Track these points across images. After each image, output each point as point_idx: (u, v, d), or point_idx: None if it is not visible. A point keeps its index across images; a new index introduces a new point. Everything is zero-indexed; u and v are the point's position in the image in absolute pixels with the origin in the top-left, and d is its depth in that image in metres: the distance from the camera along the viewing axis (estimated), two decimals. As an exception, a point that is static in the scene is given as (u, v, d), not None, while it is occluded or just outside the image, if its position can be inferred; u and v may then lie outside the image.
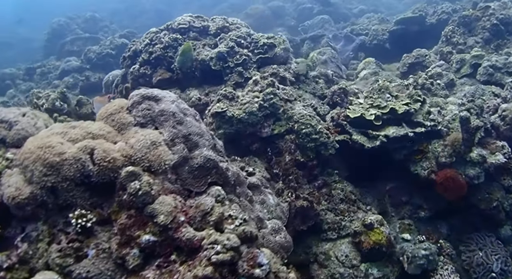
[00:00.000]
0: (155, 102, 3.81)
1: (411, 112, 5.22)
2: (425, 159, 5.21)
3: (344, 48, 10.89)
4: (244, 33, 6.39)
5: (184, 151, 3.52)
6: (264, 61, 6.16)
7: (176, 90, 6.15)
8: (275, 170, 5.17)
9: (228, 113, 5.16)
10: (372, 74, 8.31)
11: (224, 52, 6.02)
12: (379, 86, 5.53)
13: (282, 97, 5.40)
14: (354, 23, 13.26)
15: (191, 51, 6.07)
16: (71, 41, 13.32)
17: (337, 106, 5.88)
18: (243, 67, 6.01)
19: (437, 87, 6.16)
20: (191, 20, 6.61)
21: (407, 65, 7.91)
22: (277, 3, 16.76)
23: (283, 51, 6.19)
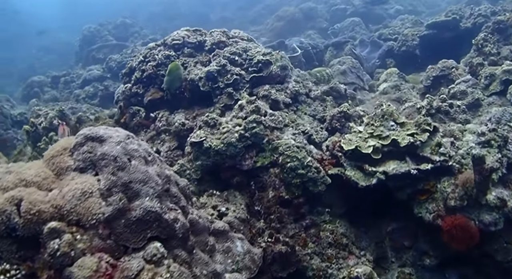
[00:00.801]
0: (99, 144, 3.41)
1: (417, 145, 4.43)
2: (432, 201, 4.41)
3: (370, 55, 10.00)
4: (240, 48, 5.84)
5: (121, 203, 3.08)
6: (259, 80, 5.58)
7: (165, 112, 5.74)
8: (257, 207, 4.62)
9: (205, 143, 4.67)
10: (393, 87, 7.45)
11: (214, 71, 5.52)
12: (382, 112, 4.77)
13: (268, 125, 4.81)
14: (387, 26, 12.23)
15: (179, 71, 5.62)
16: (98, 49, 13.43)
17: (337, 132, 5.20)
18: (233, 88, 5.48)
19: (456, 110, 5.27)
20: (186, 35, 6.16)
21: (431, 79, 6.96)
22: (309, 5, 15.96)
23: (279, 69, 5.57)
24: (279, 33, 15.41)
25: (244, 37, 6.55)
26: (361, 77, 8.63)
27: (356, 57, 9.63)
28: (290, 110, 5.46)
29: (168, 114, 5.69)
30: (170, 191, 3.67)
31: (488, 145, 4.50)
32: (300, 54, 9.95)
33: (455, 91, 5.83)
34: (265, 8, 19.07)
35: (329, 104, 6.21)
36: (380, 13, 13.96)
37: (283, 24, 15.47)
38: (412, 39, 9.27)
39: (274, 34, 15.57)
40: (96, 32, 15.01)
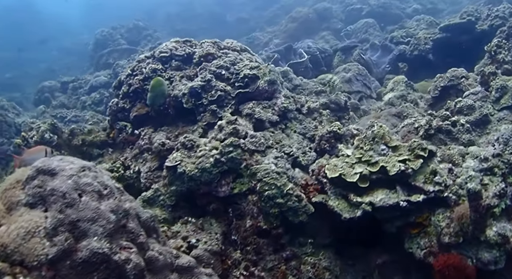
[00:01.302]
0: (50, 177, 3.19)
1: (409, 173, 3.96)
2: (424, 235, 3.93)
3: (381, 60, 9.42)
4: (228, 61, 5.48)
5: (66, 243, 2.85)
6: (245, 96, 5.21)
7: (149, 129, 5.46)
8: (234, 237, 4.28)
9: (180, 168, 4.36)
10: (399, 97, 6.92)
11: (197, 87, 5.19)
12: (372, 134, 4.31)
13: (248, 148, 4.44)
14: (403, 26, 11.54)
15: (162, 86, 5.33)
16: (108, 53, 13.38)
17: (326, 153, 4.77)
18: (218, 105, 5.13)
19: (459, 129, 4.73)
20: (174, 47, 5.85)
21: (439, 89, 6.38)
22: (324, 5, 15.35)
23: (267, 84, 5.17)
24: (292, 34, 14.91)
25: (237, 48, 6.18)
26: (367, 85, 8.10)
27: (364, 63, 9.09)
28: (278, 128, 5.08)
29: (151, 132, 5.42)
30: (127, 226, 3.41)
31: (490, 172, 3.97)
32: (307, 59, 9.50)
33: (462, 106, 5.26)
34: (281, 8, 18.58)
35: (325, 118, 5.78)
36: (397, 12, 13.23)
37: (296, 25, 14.95)
38: (425, 42, 8.63)
39: (287, 35, 15.08)
40: (108, 35, 14.99)
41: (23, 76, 17.49)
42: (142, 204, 4.52)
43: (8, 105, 9.48)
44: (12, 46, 21.18)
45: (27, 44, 20.85)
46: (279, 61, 10.00)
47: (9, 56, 20.44)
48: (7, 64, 19.55)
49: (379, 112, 5.81)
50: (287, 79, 7.67)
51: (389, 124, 5.45)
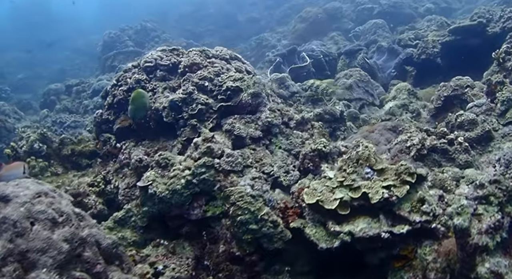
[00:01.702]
0: (4, 204, 3.12)
1: (393, 201, 3.59)
2: (409, 269, 3.55)
3: (387, 64, 8.95)
4: (213, 72, 5.18)
5: (15, 274, 2.78)
6: (228, 110, 4.92)
7: (130, 142, 5.24)
8: (206, 262, 4.01)
9: (151, 188, 4.11)
10: (400, 107, 6.50)
11: (178, 100, 4.92)
12: (357, 155, 3.94)
13: (222, 169, 4.15)
14: (413, 27, 10.98)
15: (143, 99, 5.08)
16: (114, 56, 13.27)
17: (310, 173, 4.44)
18: (198, 119, 4.85)
19: (457, 148, 4.30)
20: (159, 57, 5.59)
21: (442, 99, 5.92)
22: (334, 5, 14.82)
23: (250, 97, 4.85)
24: (301, 35, 14.49)
25: (226, 56, 5.87)
26: (370, 92, 7.68)
27: (369, 67, 8.65)
28: (261, 144, 4.75)
29: (132, 146, 5.19)
30: (82, 255, 3.24)
31: (486, 201, 3.54)
32: (310, 63, 9.13)
33: (463, 120, 4.82)
34: (291, 7, 18.11)
35: (317, 131, 5.43)
36: (409, 12, 12.61)
37: (305, 26, 14.51)
38: (433, 46, 8.11)
39: (296, 36, 14.67)
40: (116, 37, 14.90)
41: (35, 77, 17.64)
42: (113, 225, 4.31)
43: (9, 109, 9.48)
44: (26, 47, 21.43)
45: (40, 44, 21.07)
46: (281, 65, 9.65)
47: (22, 56, 20.69)
48: (20, 65, 19.80)
49: (374, 125, 5.41)
50: (284, 86, 7.33)
51: (383, 139, 5.05)
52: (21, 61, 20.43)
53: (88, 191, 5.34)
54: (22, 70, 18.98)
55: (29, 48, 20.22)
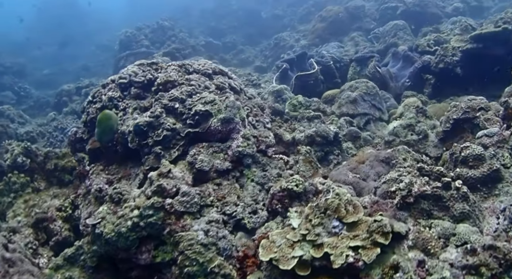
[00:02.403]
0: None
1: (359, 267, 2.96)
2: None
3: (401, 73, 8.08)
4: (185, 92, 4.66)
5: None
6: (197, 136, 4.39)
7: (99, 166, 4.85)
8: (153, 314, 3.55)
9: (99, 227, 3.69)
10: (406, 127, 5.72)
11: (143, 125, 4.45)
12: (325, 204, 3.32)
13: (175, 210, 3.63)
14: (438, 29, 9.93)
15: (110, 121, 4.65)
16: (126, 57, 12.99)
17: (279, 215, 3.85)
18: (164, 146, 4.37)
19: (453, 195, 3.56)
20: (133, 73, 5.12)
21: (451, 122, 5.10)
22: (356, 3, 13.78)
23: (220, 123, 4.30)
24: (320, 35, 13.65)
25: (208, 71, 5.33)
26: (377, 106, 6.90)
27: (380, 76, 7.83)
28: (231, 177, 4.20)
29: (100, 170, 4.79)
30: None
31: (475, 272, 2.86)
32: (317, 70, 8.41)
33: (468, 155, 4.04)
34: (315, 5, 17.15)
35: (302, 158, 4.82)
36: (435, 12, 11.46)
37: (325, 25, 13.63)
38: (452, 54, 7.17)
39: (316, 36, 13.84)
40: (132, 36, 14.65)
41: (60, 73, 17.78)
42: (62, 262, 3.94)
43: (14, 113, 9.43)
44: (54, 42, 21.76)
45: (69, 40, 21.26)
46: (289, 71, 8.99)
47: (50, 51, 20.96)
48: (47, 60, 20.08)
49: (366, 154, 4.71)
50: (281, 99, 6.71)
51: (374, 172, 4.36)
52: (48, 56, 20.72)
53: (55, 216, 5.04)
54: (48, 65, 19.26)
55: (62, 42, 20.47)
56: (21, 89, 13.99)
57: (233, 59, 16.98)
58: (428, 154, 5.41)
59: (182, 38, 14.74)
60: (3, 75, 14.47)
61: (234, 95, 5.20)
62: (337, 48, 11.44)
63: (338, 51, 11.26)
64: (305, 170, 4.70)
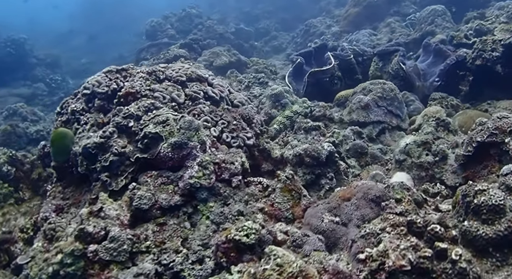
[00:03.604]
0: None
1: None
2: None
3: (431, 69, 6.77)
4: (143, 107, 3.95)
5: None
6: (148, 162, 3.69)
7: (59, 186, 4.33)
8: None
9: (25, 269, 3.19)
10: (421, 145, 4.66)
11: (92, 147, 3.81)
12: (263, 276, 2.49)
13: (99, 258, 3.00)
14: (482, 16, 8.29)
15: (63, 140, 4.08)
16: (147, 48, 12.43)
17: (223, 271, 3.08)
18: (111, 173, 3.72)
19: (446, 269, 2.55)
20: (97, 82, 4.48)
21: (475, 145, 3.94)
22: (395, -16, 12.14)
23: (171, 149, 3.54)
24: (353, 21, 12.25)
25: (182, 78, 4.56)
26: (395, 112, 5.79)
27: (404, 75, 6.61)
28: (182, 213, 3.46)
29: (58, 191, 4.26)
30: None
31: None
32: (334, 66, 7.33)
33: (482, 204, 2.97)
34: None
35: (280, 187, 3.98)
36: (486, -7, 9.65)
37: (358, 10, 12.17)
38: (492, 48, 5.77)
39: (348, 22, 12.45)
40: (157, 26, 14.06)
41: (96, 62, 17.80)
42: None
43: (27, 111, 9.35)
44: (95, 30, 21.92)
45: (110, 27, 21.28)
46: (304, 66, 7.96)
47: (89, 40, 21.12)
48: (86, 49, 20.25)
49: (354, 188, 3.72)
50: (280, 104, 5.82)
51: (358, 215, 3.39)
52: (87, 45, 20.92)
53: (17, 237, 4.65)
54: (88, 54, 19.46)
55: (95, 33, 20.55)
56: (52, 81, 14.17)
57: (264, 46, 16.01)
58: (444, 182, 4.31)
59: (209, 26, 13.97)
60: (36, 67, 14.75)
61: (209, 107, 4.43)
62: (368, 36, 10.11)
63: (369, 39, 9.96)
64: (281, 202, 3.85)
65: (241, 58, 10.72)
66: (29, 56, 14.86)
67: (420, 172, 4.49)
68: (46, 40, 19.97)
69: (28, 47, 15.03)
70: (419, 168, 4.50)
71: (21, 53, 14.55)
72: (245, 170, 3.96)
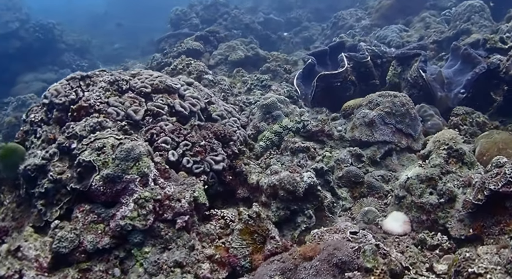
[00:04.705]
0: None
1: None
2: None
3: (457, 78, 5.66)
4: (88, 126, 3.38)
5: None
6: (84, 193, 3.14)
7: (13, 203, 3.91)
8: None
9: None
10: (425, 181, 3.75)
11: (31, 169, 3.32)
12: None
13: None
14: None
15: (14, 156, 3.59)
16: (167, 38, 11.81)
17: None
18: (47, 201, 3.22)
19: None
20: (55, 91, 3.95)
21: (487, 193, 2.98)
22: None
23: (103, 183, 2.94)
24: (385, 14, 10.96)
25: (146, 89, 3.93)
26: (405, 131, 4.87)
27: (424, 84, 5.57)
28: (113, 257, 2.91)
29: (11, 210, 3.85)
30: None
31: None
32: (346, 68, 6.40)
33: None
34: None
35: (240, 229, 3.31)
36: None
37: (391, 2, 10.83)
38: (535, 60, 4.61)
39: (380, 15, 11.17)
40: (182, 14, 13.36)
41: (129, 47, 17.59)
42: None
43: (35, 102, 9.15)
44: (130, 15, 21.56)
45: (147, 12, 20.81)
46: (316, 67, 7.06)
47: (126, 25, 20.75)
48: (121, 34, 19.95)
49: (320, 245, 2.94)
50: (271, 116, 5.08)
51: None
52: (122, 30, 20.60)
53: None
54: (122, 39, 19.26)
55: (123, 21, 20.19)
56: (78, 67, 14.11)
57: (294, 37, 14.99)
58: (448, 230, 3.42)
59: (235, 16, 13.16)
60: (64, 53, 14.75)
61: (173, 124, 3.79)
62: (397, 32, 8.92)
63: (398, 36, 8.79)
64: (238, 247, 3.18)
65: (259, 52, 9.91)
66: (58, 42, 14.89)
67: (421, 215, 3.61)
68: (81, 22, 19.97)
69: (57, 32, 15.04)
70: (420, 209, 3.62)
71: (49, 38, 14.57)
72: (200, 205, 3.30)
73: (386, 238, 3.50)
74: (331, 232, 3.30)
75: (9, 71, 12.66)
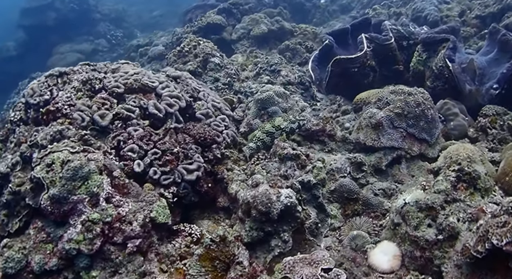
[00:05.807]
0: None
1: None
2: None
3: (491, 69, 4.69)
4: (49, 135, 3.11)
5: None
6: (37, 211, 2.92)
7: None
8: None
9: None
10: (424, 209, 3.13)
11: (-6, 178, 3.17)
12: None
13: None
14: None
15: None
16: (194, 9, 11.06)
17: None
18: (9, 212, 3.05)
19: None
20: (31, 90, 3.66)
21: (488, 247, 2.34)
22: None
23: (50, 203, 2.64)
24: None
25: (119, 89, 3.56)
26: (417, 135, 4.18)
27: (450, 75, 4.68)
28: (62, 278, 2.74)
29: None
30: None
31: None
32: (365, 52, 5.60)
33: None
34: None
35: (199, 254, 3.00)
36: None
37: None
38: None
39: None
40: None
41: (168, 15, 16.93)
42: None
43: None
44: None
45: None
46: (334, 48, 6.24)
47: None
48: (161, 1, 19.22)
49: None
50: (266, 112, 4.57)
51: None
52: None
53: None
54: (162, 6, 18.66)
55: None
56: (113, 37, 13.98)
57: (331, 5, 13.68)
58: (442, 275, 2.82)
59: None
60: (99, 23, 14.61)
61: (144, 129, 3.43)
62: (436, 4, 7.65)
63: (436, 10, 7.55)
64: (196, 275, 2.87)
65: (284, 25, 9.07)
66: (93, 12, 14.77)
67: (414, 250, 3.00)
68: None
69: (92, 3, 14.88)
70: (413, 244, 3.01)
71: (84, 9, 14.47)
72: (160, 225, 2.99)
73: (368, 275, 3.00)
74: (304, 262, 2.90)
75: (46, 42, 12.86)
